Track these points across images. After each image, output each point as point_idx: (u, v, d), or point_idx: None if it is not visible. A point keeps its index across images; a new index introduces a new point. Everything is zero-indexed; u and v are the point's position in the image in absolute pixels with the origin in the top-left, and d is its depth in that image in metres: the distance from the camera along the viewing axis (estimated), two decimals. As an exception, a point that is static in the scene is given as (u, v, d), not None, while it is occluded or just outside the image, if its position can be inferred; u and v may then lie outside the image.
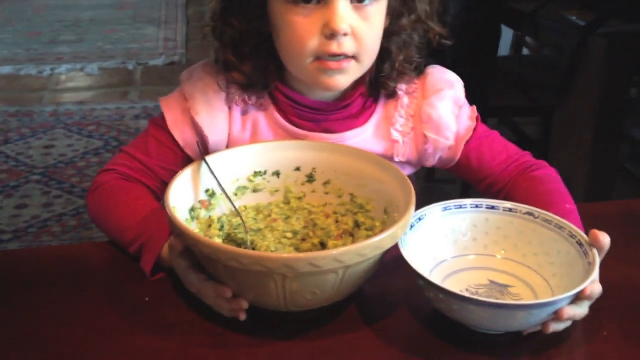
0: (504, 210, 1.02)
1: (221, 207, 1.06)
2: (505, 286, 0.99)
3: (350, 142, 1.13)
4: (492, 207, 1.02)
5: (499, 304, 0.88)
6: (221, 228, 1.03)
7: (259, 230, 1.05)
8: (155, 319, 0.95)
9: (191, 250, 0.93)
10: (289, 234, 1.04)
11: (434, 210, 1.02)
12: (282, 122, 1.15)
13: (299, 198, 1.10)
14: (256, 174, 1.09)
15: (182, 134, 1.14)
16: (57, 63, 4.25)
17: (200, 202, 1.04)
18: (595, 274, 0.91)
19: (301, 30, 1.04)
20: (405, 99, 1.16)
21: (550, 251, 0.99)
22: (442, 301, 0.89)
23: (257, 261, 0.85)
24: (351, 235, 1.04)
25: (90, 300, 0.99)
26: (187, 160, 1.15)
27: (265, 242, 1.01)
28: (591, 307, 0.92)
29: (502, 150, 1.19)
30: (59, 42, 4.60)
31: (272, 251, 1.00)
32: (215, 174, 1.04)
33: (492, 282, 1.00)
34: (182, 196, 1.00)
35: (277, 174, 1.10)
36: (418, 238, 0.99)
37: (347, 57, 1.05)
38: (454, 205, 1.02)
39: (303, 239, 1.04)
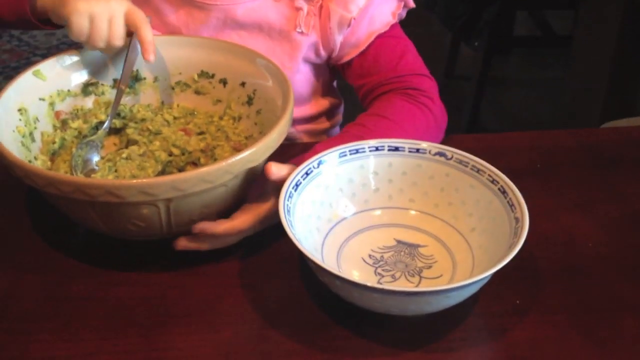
0: (410, 151, 0.81)
1: (147, 95, 0.94)
2: (416, 246, 0.79)
3: (245, 6, 0.97)
4: (396, 149, 0.81)
5: (408, 292, 0.68)
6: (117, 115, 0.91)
7: (158, 134, 0.89)
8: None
9: None
10: (176, 150, 0.87)
11: (331, 157, 0.81)
12: None
13: (234, 119, 0.92)
14: (203, 74, 0.93)
15: None
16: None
17: (115, 81, 0.91)
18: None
19: None
20: None
21: (467, 200, 0.79)
22: (340, 288, 0.70)
23: (50, 183, 0.71)
24: None
25: None
26: None
27: (131, 150, 0.87)
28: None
29: (400, 58, 0.98)
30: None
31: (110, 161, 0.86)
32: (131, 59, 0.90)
33: (399, 242, 0.80)
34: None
35: (224, 82, 0.93)
36: (316, 190, 0.79)
37: None
38: (349, 150, 0.81)
39: (194, 163, 0.87)
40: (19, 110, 0.82)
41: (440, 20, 2.80)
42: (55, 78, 0.87)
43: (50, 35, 2.99)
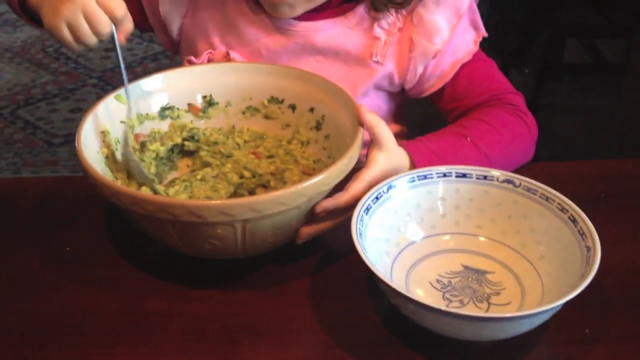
0: (477, 177, 0.82)
1: (219, 119, 0.97)
2: (483, 272, 0.81)
3: (324, 34, 1.00)
4: (464, 175, 0.83)
5: (482, 318, 0.70)
6: (191, 138, 0.94)
7: (230, 156, 0.93)
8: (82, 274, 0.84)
9: None
10: (247, 173, 0.90)
11: (400, 182, 0.83)
12: (251, 4, 1.01)
13: (302, 143, 0.94)
14: (273, 100, 0.96)
15: None
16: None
17: (190, 105, 0.95)
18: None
19: None
20: None
21: (536, 228, 0.80)
22: (413, 312, 0.72)
23: (135, 202, 0.74)
24: None
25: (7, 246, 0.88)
26: None
27: (205, 172, 0.90)
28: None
29: (491, 79, 1.02)
30: None
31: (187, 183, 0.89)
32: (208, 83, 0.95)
33: (467, 267, 0.81)
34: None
35: (293, 107, 0.96)
36: (385, 214, 0.81)
37: None
38: (418, 176, 0.83)
39: (263, 185, 0.90)
40: (102, 132, 0.85)
41: (489, 45, 2.80)
42: (135, 102, 0.91)
43: (106, 59, 3.07)
